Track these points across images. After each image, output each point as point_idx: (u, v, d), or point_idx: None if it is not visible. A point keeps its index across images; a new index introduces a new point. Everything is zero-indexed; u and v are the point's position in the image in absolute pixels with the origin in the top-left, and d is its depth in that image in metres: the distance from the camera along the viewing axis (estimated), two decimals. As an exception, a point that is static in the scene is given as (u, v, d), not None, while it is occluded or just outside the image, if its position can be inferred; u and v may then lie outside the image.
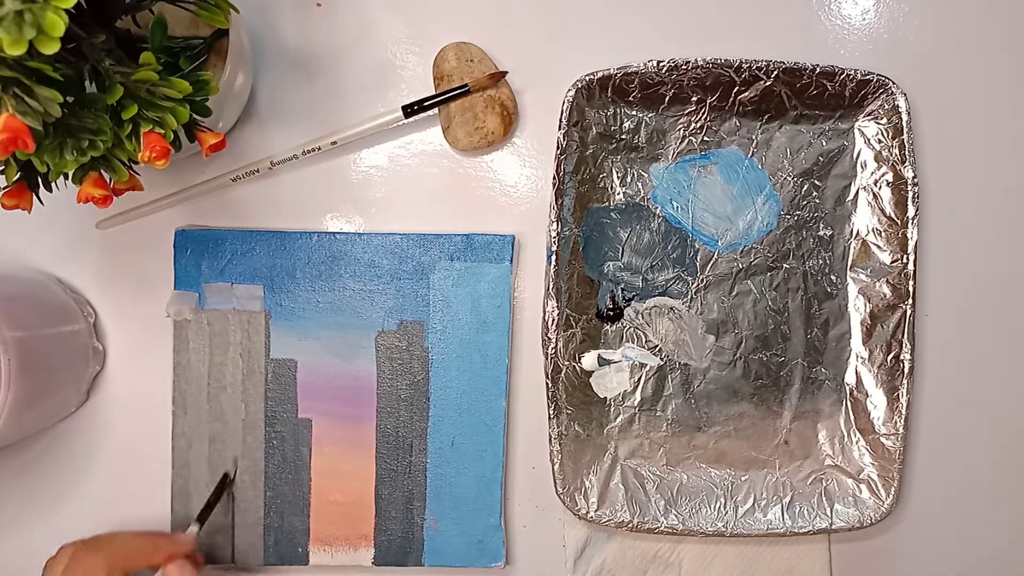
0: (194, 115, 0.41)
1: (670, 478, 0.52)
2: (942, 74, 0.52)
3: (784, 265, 0.52)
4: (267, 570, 0.53)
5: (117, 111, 0.37)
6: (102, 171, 0.39)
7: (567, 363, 0.51)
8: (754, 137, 0.52)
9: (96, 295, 0.53)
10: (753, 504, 0.51)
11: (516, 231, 0.52)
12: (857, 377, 0.52)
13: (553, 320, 0.49)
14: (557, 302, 0.49)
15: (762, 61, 0.49)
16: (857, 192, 0.52)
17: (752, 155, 0.52)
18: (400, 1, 0.53)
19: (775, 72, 0.49)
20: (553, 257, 0.49)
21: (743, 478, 0.52)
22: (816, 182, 0.52)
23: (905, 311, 0.49)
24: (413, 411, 0.52)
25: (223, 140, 0.43)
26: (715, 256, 0.52)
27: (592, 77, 0.49)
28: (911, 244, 0.49)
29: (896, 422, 0.50)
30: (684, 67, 0.49)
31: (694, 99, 0.51)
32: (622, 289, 0.52)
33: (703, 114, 0.51)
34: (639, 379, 0.52)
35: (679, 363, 0.52)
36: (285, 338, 0.52)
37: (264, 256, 0.52)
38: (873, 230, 0.51)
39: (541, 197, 0.52)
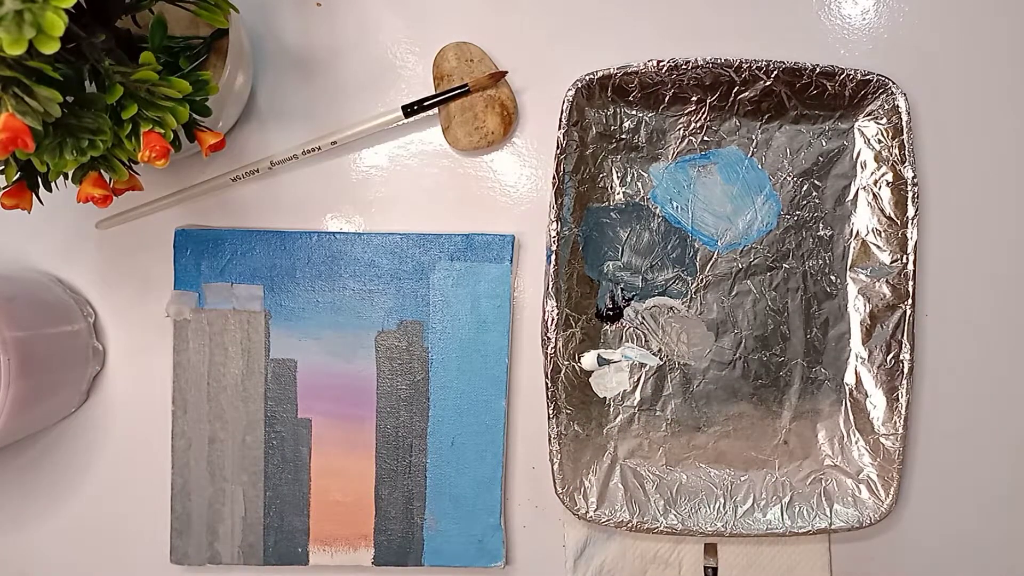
0: (194, 115, 0.41)
1: (669, 478, 0.52)
2: (942, 74, 0.52)
3: (784, 265, 0.52)
4: (267, 570, 0.53)
5: (117, 111, 0.38)
6: (102, 171, 0.40)
7: (567, 363, 0.51)
8: (754, 137, 0.52)
9: (96, 295, 0.53)
10: (752, 504, 0.51)
11: (516, 231, 0.52)
12: (857, 377, 0.52)
13: (552, 320, 0.49)
14: (557, 302, 0.49)
15: (762, 61, 0.49)
16: (857, 192, 0.52)
17: (752, 155, 0.52)
18: (400, 1, 0.53)
19: (775, 72, 0.49)
20: (553, 257, 0.49)
21: (742, 478, 0.52)
22: (816, 182, 0.52)
23: (905, 311, 0.49)
24: (413, 411, 0.52)
25: (223, 140, 0.43)
26: (715, 256, 0.52)
27: (592, 77, 0.49)
28: (911, 244, 0.49)
29: (896, 422, 0.50)
30: (684, 67, 0.49)
31: (694, 99, 0.51)
32: (622, 289, 0.52)
33: (703, 114, 0.51)
34: (638, 379, 0.52)
35: (679, 363, 0.52)
36: (285, 338, 0.52)
37: (264, 256, 0.52)
38: (873, 230, 0.51)
39: (541, 197, 0.52)
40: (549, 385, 0.50)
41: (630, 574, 0.52)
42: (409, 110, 0.50)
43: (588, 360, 0.52)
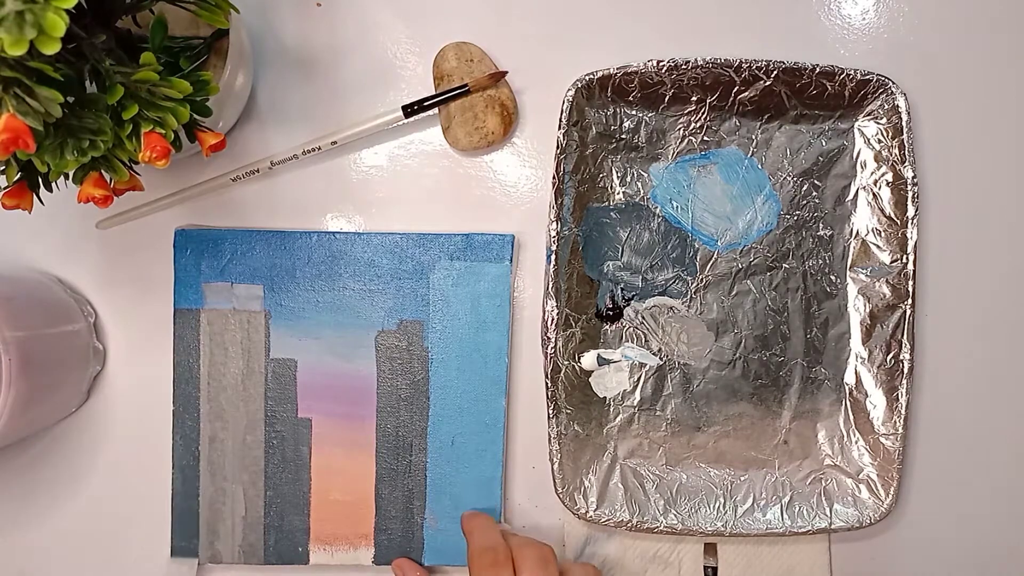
0: (194, 115, 0.41)
1: (669, 478, 0.52)
2: (942, 74, 0.52)
3: (784, 265, 0.52)
4: (267, 570, 0.53)
5: (118, 111, 0.38)
6: (103, 171, 0.40)
7: (567, 363, 0.51)
8: (754, 137, 0.52)
9: (96, 295, 0.53)
10: (752, 504, 0.51)
11: (516, 231, 0.52)
12: (857, 377, 0.52)
13: (552, 320, 0.49)
14: (557, 302, 0.49)
15: (762, 61, 0.49)
16: (857, 192, 0.52)
17: (752, 155, 0.52)
18: (400, 1, 0.53)
19: (775, 72, 0.49)
20: (553, 257, 0.49)
21: (742, 478, 0.52)
22: (816, 182, 0.52)
23: (905, 311, 0.49)
24: (413, 410, 0.52)
25: (223, 140, 0.43)
26: (715, 256, 0.52)
27: (592, 77, 0.49)
28: (911, 244, 0.49)
29: (895, 422, 0.50)
30: (684, 67, 0.49)
31: (694, 99, 0.51)
32: (622, 289, 0.52)
33: (703, 114, 0.51)
34: (638, 379, 0.52)
35: (679, 363, 0.52)
36: (285, 338, 0.52)
37: (264, 256, 0.52)
38: (873, 230, 0.51)
39: (541, 197, 0.52)
40: (549, 385, 0.50)
41: (630, 574, 0.52)
42: (409, 110, 0.50)
43: (588, 360, 0.52)
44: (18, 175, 0.40)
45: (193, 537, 0.52)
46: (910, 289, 0.49)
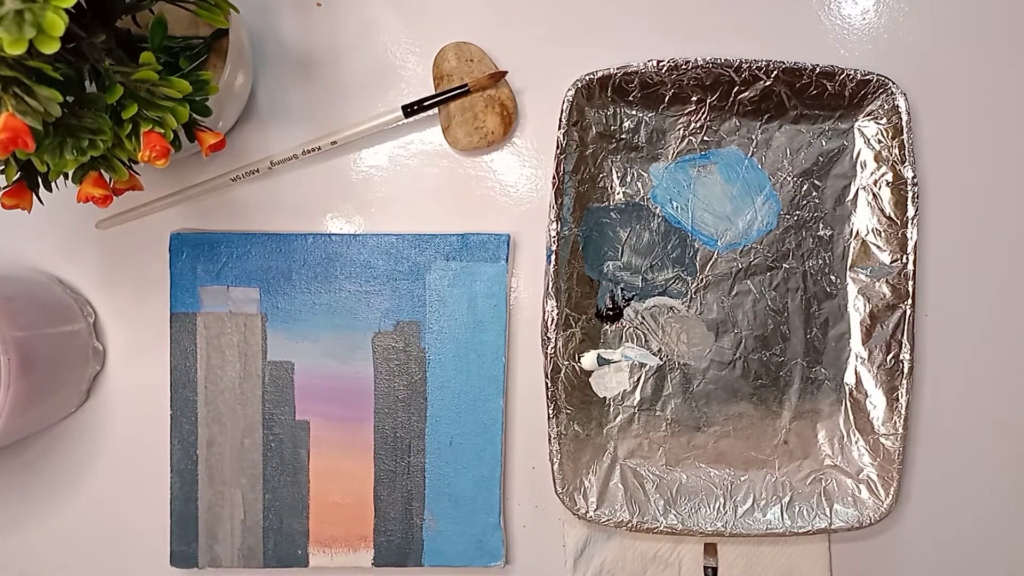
0: (194, 115, 0.41)
1: (669, 478, 0.52)
2: (942, 74, 0.52)
3: (784, 265, 0.52)
4: (267, 573, 0.53)
5: (117, 111, 0.38)
6: (102, 171, 0.39)
7: (566, 363, 0.51)
8: (754, 137, 0.52)
9: (96, 295, 0.53)
10: (752, 504, 0.51)
11: (516, 231, 0.52)
12: (857, 377, 0.52)
13: (552, 320, 0.49)
14: (557, 302, 0.49)
15: (762, 61, 0.49)
16: (857, 192, 0.52)
17: (752, 155, 0.52)
18: (400, 1, 0.53)
19: (775, 72, 0.49)
20: (553, 257, 0.49)
21: (742, 478, 0.52)
22: (816, 182, 0.52)
23: (905, 311, 0.49)
24: (411, 411, 0.52)
25: (223, 140, 0.43)
26: (715, 256, 0.52)
27: (592, 77, 0.49)
28: (911, 244, 0.49)
29: (895, 422, 0.50)
30: (684, 67, 0.49)
31: (694, 99, 0.51)
32: (622, 289, 0.52)
33: (703, 114, 0.51)
34: (638, 379, 0.52)
35: (678, 363, 0.52)
36: (282, 340, 0.52)
37: (260, 258, 0.52)
38: (873, 230, 0.51)
39: (541, 197, 0.52)
40: (549, 385, 0.50)
41: (630, 574, 0.52)
42: (409, 110, 0.50)
43: (588, 360, 0.52)
44: (17, 175, 0.40)
45: (192, 541, 0.52)
46: (910, 289, 0.49)
